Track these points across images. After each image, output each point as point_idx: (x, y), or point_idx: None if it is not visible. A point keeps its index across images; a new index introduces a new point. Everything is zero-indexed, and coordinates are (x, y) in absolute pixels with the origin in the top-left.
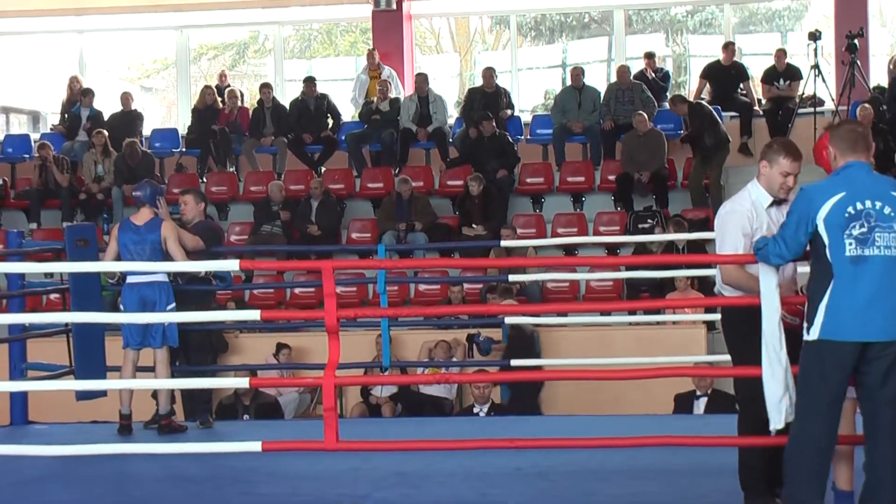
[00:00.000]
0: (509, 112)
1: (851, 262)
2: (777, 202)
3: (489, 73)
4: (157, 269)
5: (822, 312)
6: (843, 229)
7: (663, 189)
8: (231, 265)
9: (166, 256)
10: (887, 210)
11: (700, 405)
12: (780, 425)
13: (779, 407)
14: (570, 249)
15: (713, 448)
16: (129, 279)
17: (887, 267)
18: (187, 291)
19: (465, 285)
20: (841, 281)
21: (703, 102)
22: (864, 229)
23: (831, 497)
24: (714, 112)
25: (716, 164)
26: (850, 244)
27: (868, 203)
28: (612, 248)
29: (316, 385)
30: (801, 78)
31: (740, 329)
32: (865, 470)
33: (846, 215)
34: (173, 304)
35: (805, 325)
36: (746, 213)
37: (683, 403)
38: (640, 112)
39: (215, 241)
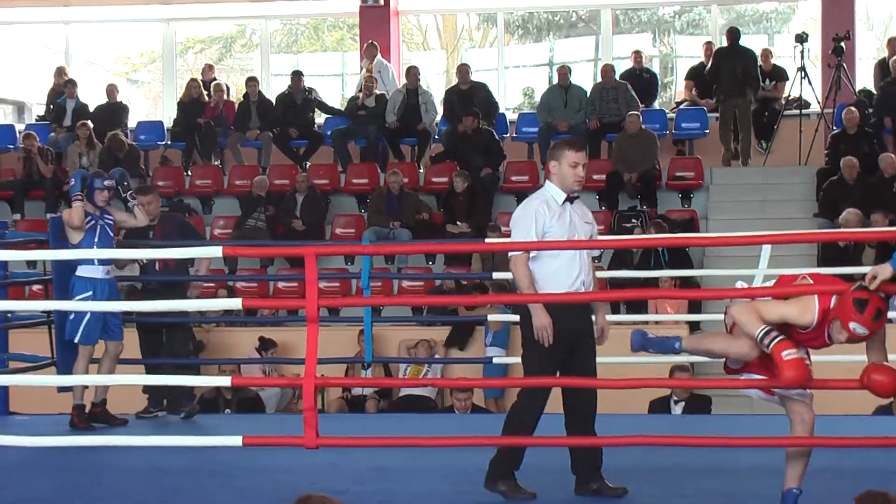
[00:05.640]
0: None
1: None
2: (571, 199)
3: (463, 69)
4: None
5: None
6: None
7: (652, 189)
8: (214, 251)
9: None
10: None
11: (677, 410)
12: None
13: None
14: None
15: (691, 448)
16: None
17: None
18: (166, 283)
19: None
20: None
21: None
22: None
23: None
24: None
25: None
26: None
27: None
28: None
29: (297, 385)
30: (787, 79)
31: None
32: None
33: None
34: (80, 296)
35: None
36: (538, 208)
37: (659, 409)
38: (635, 112)
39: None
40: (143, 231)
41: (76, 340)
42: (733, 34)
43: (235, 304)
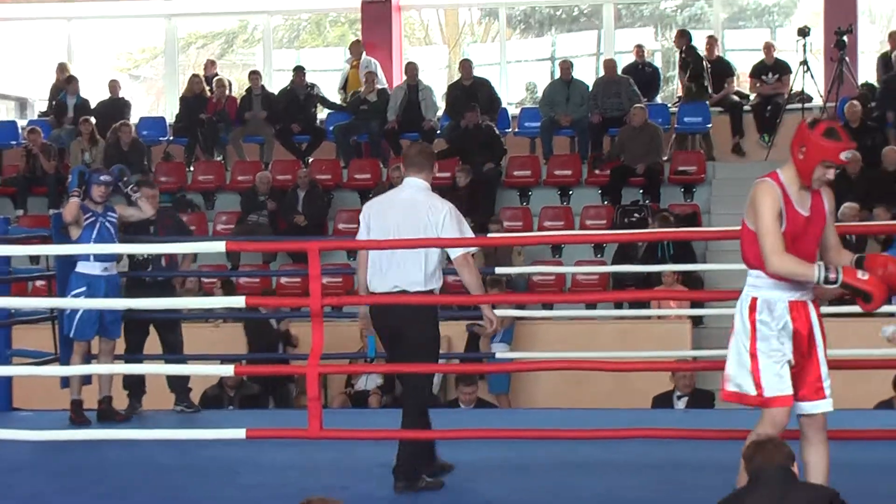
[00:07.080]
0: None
1: None
2: None
3: (466, 65)
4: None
5: None
6: None
7: (655, 183)
8: (217, 247)
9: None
10: None
11: (680, 405)
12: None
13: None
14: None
15: (693, 441)
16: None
17: None
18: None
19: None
20: None
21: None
22: None
23: None
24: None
25: None
26: None
27: None
28: (598, 243)
29: (300, 373)
30: (790, 72)
31: (430, 325)
32: None
33: None
34: (74, 292)
35: None
36: None
37: (662, 405)
38: (639, 105)
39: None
40: (143, 226)
41: (70, 335)
42: (684, 36)
43: (239, 301)
